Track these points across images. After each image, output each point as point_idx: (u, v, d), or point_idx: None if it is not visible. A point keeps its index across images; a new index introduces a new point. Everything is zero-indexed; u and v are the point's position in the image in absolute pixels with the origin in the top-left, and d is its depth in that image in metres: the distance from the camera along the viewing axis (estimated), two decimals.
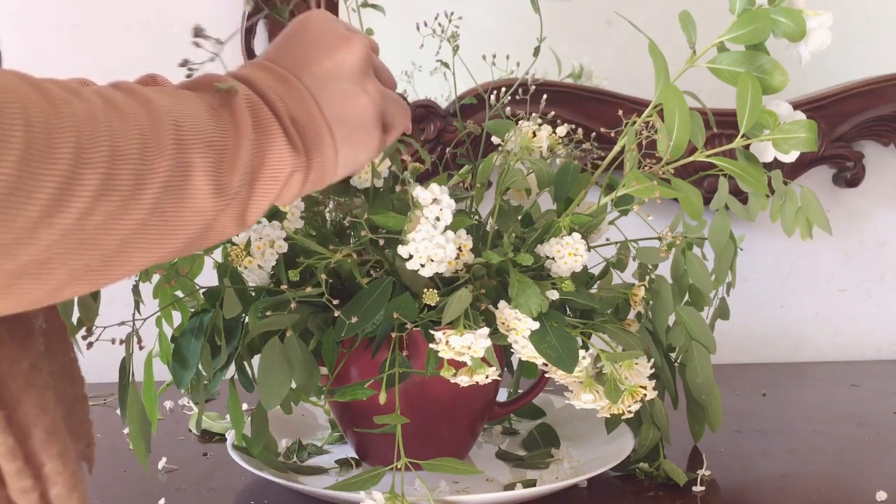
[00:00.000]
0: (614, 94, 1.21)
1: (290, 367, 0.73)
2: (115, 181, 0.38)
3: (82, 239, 0.38)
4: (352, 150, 0.53)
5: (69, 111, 0.37)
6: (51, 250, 0.37)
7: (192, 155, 0.43)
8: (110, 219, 0.39)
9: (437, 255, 0.68)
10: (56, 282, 0.38)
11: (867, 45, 1.31)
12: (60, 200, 0.36)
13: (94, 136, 0.38)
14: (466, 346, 0.69)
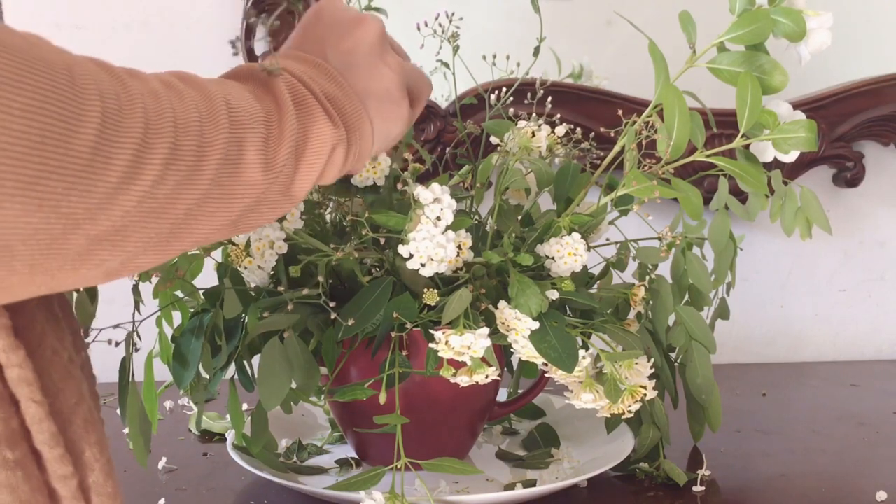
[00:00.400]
0: (614, 94, 1.21)
1: (289, 368, 0.73)
2: (180, 151, 0.40)
3: (154, 207, 0.39)
4: (384, 124, 0.56)
5: (134, 86, 0.39)
6: (127, 217, 0.38)
7: (243, 130, 0.45)
8: (178, 188, 0.40)
9: (438, 254, 0.68)
10: (130, 250, 0.40)
11: (867, 45, 1.31)
12: (135, 168, 0.38)
13: (158, 109, 0.40)
14: (466, 345, 0.69)
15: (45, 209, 0.35)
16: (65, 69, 0.35)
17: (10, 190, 0.33)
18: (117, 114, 0.37)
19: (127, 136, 0.37)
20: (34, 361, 0.42)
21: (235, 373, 0.78)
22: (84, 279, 0.39)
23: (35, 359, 0.42)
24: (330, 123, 0.50)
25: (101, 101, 0.36)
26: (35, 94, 0.34)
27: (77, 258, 0.37)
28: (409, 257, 0.68)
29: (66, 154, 0.35)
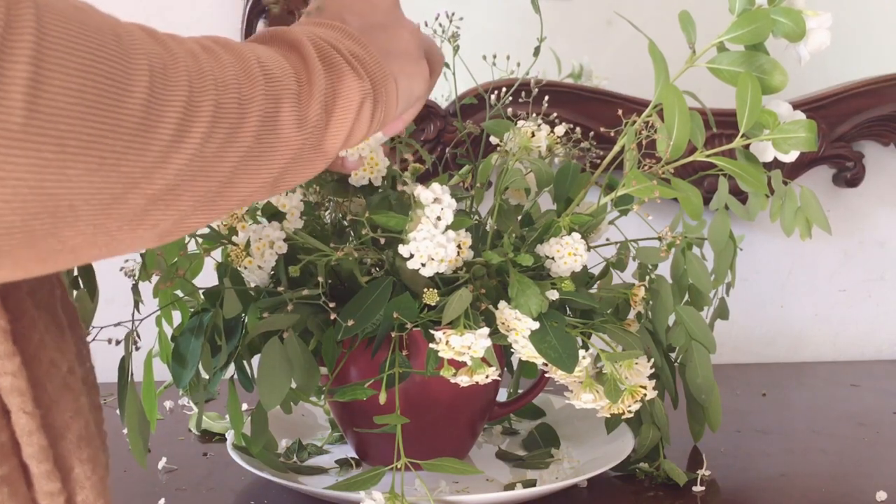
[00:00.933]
0: (614, 94, 1.22)
1: (289, 368, 0.73)
2: (222, 110, 0.41)
3: (203, 165, 0.40)
4: (407, 81, 0.56)
5: (175, 48, 0.40)
6: (179, 176, 0.39)
7: (276, 88, 0.45)
8: (224, 145, 0.41)
9: (438, 254, 0.68)
10: (182, 209, 0.40)
11: (867, 45, 1.31)
12: (184, 126, 0.38)
13: (199, 70, 0.40)
14: (466, 345, 0.69)
15: (105, 168, 0.35)
16: (111, 31, 0.36)
17: (73, 150, 0.33)
18: (163, 74, 0.38)
19: (174, 94, 0.38)
20: (29, 370, 0.41)
21: (235, 373, 0.78)
22: (140, 240, 0.40)
23: (31, 368, 0.41)
24: (357, 78, 0.51)
25: (148, 62, 0.37)
26: (87, 55, 0.34)
27: (135, 218, 0.38)
28: (409, 257, 0.68)
29: (121, 113, 0.35)
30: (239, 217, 0.75)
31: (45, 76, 0.32)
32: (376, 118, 0.53)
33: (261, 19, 1.18)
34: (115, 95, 0.35)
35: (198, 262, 0.80)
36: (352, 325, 0.72)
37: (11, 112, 0.31)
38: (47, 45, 0.32)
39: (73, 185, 0.34)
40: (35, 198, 0.33)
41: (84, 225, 0.35)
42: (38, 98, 0.32)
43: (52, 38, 0.32)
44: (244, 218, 0.75)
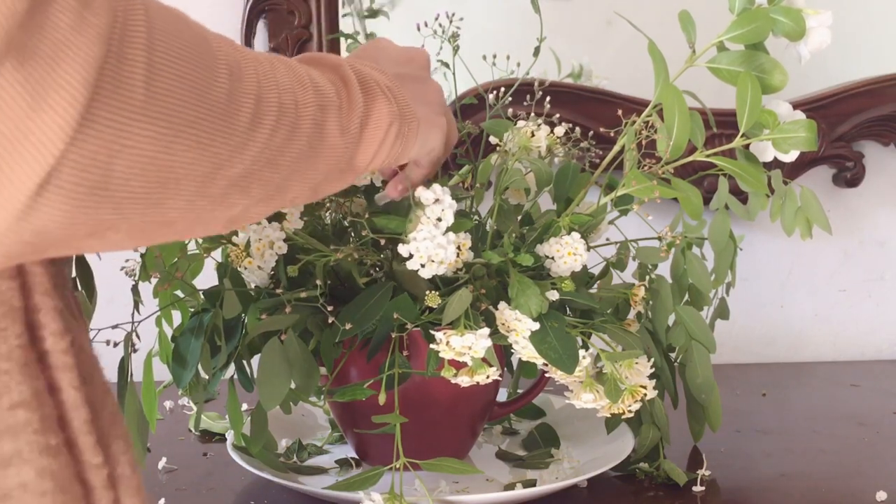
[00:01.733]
0: (614, 94, 1.21)
1: (289, 368, 0.73)
2: (285, 108, 0.45)
3: (270, 157, 0.44)
4: (427, 129, 0.62)
5: (243, 49, 0.44)
6: (253, 164, 0.43)
7: (324, 99, 0.50)
8: (286, 141, 0.46)
9: (438, 255, 0.68)
10: (251, 197, 0.44)
11: (867, 45, 1.31)
12: (256, 117, 0.43)
13: (264, 71, 0.45)
14: (467, 346, 0.69)
15: (201, 146, 0.39)
16: (198, 28, 0.40)
17: (180, 128, 0.38)
18: (238, 69, 0.42)
19: (248, 88, 0.42)
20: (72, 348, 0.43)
21: (235, 373, 0.78)
22: (216, 222, 0.44)
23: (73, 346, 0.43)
24: (387, 103, 0.56)
25: (226, 57, 0.41)
26: (184, 47, 0.38)
27: (217, 198, 0.42)
28: (408, 257, 0.68)
29: (211, 100, 0.40)
30: None
31: (157, 62, 0.36)
32: (397, 145, 0.58)
33: (261, 19, 1.18)
34: (206, 83, 0.39)
35: (198, 262, 0.80)
36: (350, 328, 0.72)
37: (135, 90, 0.35)
38: (156, 35, 0.36)
39: (178, 160, 0.38)
40: (152, 168, 0.37)
41: (182, 200, 0.40)
42: (153, 80, 0.36)
43: (158, 30, 0.37)
44: None
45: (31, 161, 0.33)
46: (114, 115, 0.35)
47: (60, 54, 0.33)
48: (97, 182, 0.35)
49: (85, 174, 0.34)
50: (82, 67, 0.33)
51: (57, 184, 0.34)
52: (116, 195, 0.36)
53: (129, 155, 0.36)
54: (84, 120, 0.33)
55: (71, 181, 0.34)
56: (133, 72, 0.35)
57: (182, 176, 0.39)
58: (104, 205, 0.36)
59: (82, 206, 0.35)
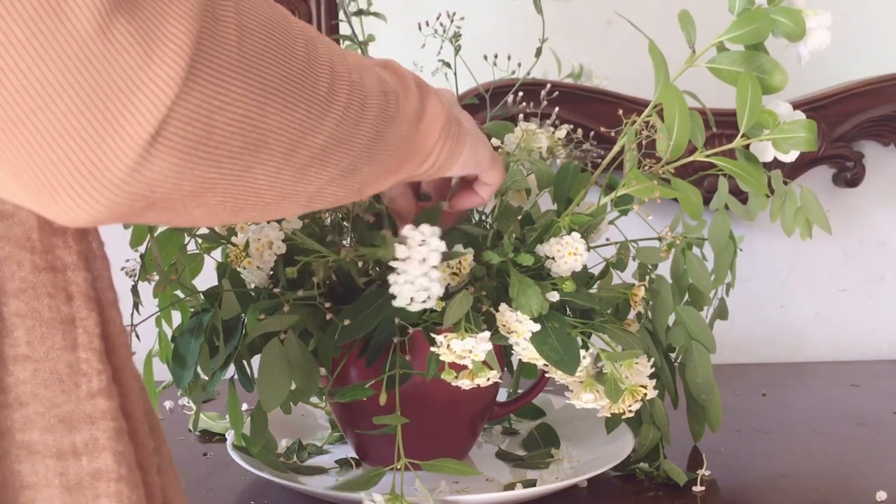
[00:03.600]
0: (614, 94, 1.21)
1: (289, 369, 0.73)
2: (355, 87, 0.46)
3: (344, 134, 0.45)
4: (473, 147, 0.62)
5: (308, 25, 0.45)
6: (329, 139, 0.44)
7: (386, 84, 0.50)
8: (357, 121, 0.46)
9: (421, 296, 0.68)
10: (328, 174, 0.45)
11: (867, 45, 1.31)
12: (332, 91, 0.43)
13: (336, 50, 0.45)
14: (468, 349, 0.69)
15: (287, 111, 0.40)
16: (274, 2, 0.41)
17: (270, 88, 0.38)
18: (312, 42, 0.43)
19: (322, 60, 0.43)
20: None
21: (235, 373, 0.78)
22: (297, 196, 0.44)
23: None
24: (440, 103, 0.57)
25: (301, 28, 0.42)
26: (266, 11, 0.39)
27: (299, 169, 0.42)
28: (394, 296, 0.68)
29: (295, 65, 0.40)
30: None
31: (245, 24, 0.37)
32: (449, 144, 0.58)
33: None
34: (288, 50, 0.40)
35: (197, 262, 0.80)
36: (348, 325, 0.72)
37: (231, 49, 0.36)
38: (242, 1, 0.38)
39: (268, 122, 0.39)
40: (248, 128, 0.38)
41: (272, 166, 0.40)
42: (244, 40, 0.37)
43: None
44: None
45: (143, 112, 0.34)
46: (213, 71, 0.35)
47: (166, 8, 0.34)
48: (201, 137, 0.36)
49: (191, 128, 0.35)
50: (188, 21, 0.34)
51: (167, 136, 0.34)
52: (217, 152, 0.37)
53: (227, 112, 0.36)
54: (190, 74, 0.34)
55: (179, 134, 0.35)
56: (227, 31, 0.36)
57: (272, 140, 0.39)
58: (207, 162, 0.37)
59: (189, 161, 0.36)
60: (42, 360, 0.40)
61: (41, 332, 0.40)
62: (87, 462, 0.41)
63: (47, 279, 0.41)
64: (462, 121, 0.61)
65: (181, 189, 0.37)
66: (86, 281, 0.42)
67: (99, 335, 0.42)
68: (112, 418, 0.41)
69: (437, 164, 0.59)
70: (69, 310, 0.41)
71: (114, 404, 0.42)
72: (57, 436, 0.41)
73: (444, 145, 0.58)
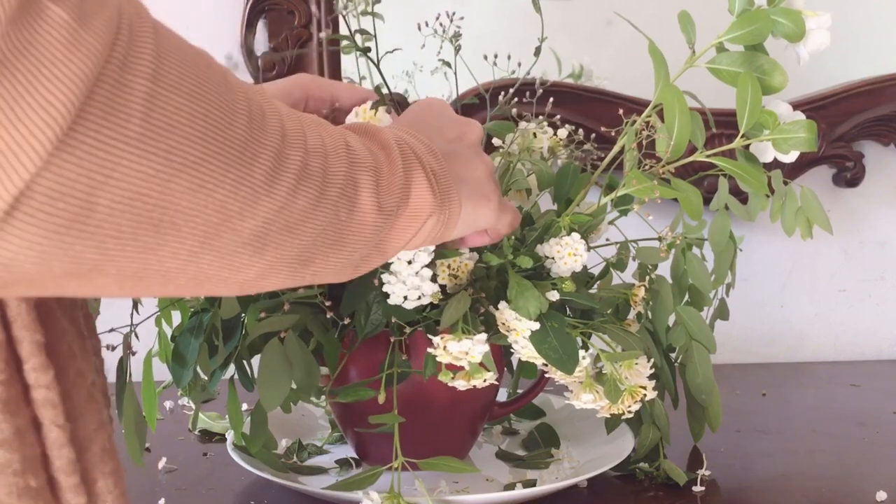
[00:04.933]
0: (614, 94, 1.21)
1: (290, 369, 0.73)
2: (309, 171, 0.42)
3: (289, 222, 0.41)
4: (472, 210, 0.58)
5: (272, 102, 0.42)
6: (268, 225, 0.40)
7: (359, 171, 0.47)
8: (308, 208, 0.42)
9: (413, 294, 0.68)
10: (267, 262, 0.41)
11: (867, 45, 1.31)
12: (275, 172, 0.40)
13: (292, 127, 0.42)
14: (464, 351, 0.69)
15: (204, 191, 0.36)
16: (219, 68, 0.38)
17: (178, 166, 0.35)
18: (260, 117, 0.39)
19: (268, 139, 0.40)
20: (60, 383, 0.41)
21: (235, 373, 0.78)
22: (224, 283, 0.41)
23: (61, 380, 0.41)
24: (430, 189, 0.52)
25: (248, 104, 0.39)
26: (197, 83, 0.36)
27: (224, 255, 0.39)
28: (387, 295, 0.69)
29: (224, 141, 0.37)
30: None
31: (161, 93, 0.34)
32: (436, 231, 0.55)
33: (261, 19, 1.18)
34: (219, 124, 0.37)
35: None
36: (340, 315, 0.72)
37: (131, 119, 0.33)
38: (164, 66, 0.34)
39: (174, 201, 0.35)
40: (143, 208, 0.34)
41: (183, 249, 0.37)
42: (153, 112, 0.34)
43: (167, 61, 0.35)
44: None
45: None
46: (101, 143, 0.32)
47: (45, 71, 0.31)
48: (76, 214, 0.32)
49: (61, 203, 0.32)
50: (68, 88, 0.31)
51: (27, 211, 0.31)
52: (99, 232, 0.33)
53: (115, 188, 0.33)
54: (62, 144, 0.31)
55: (44, 210, 0.31)
56: (130, 100, 0.33)
57: (181, 222, 0.36)
58: (85, 241, 0.33)
59: (57, 240, 0.32)
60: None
61: None
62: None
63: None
64: (455, 196, 0.55)
65: (50, 270, 0.33)
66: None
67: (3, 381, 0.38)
68: (14, 473, 0.38)
69: (419, 247, 0.56)
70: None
71: (17, 457, 0.39)
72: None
73: (430, 232, 0.54)
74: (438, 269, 0.72)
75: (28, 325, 0.39)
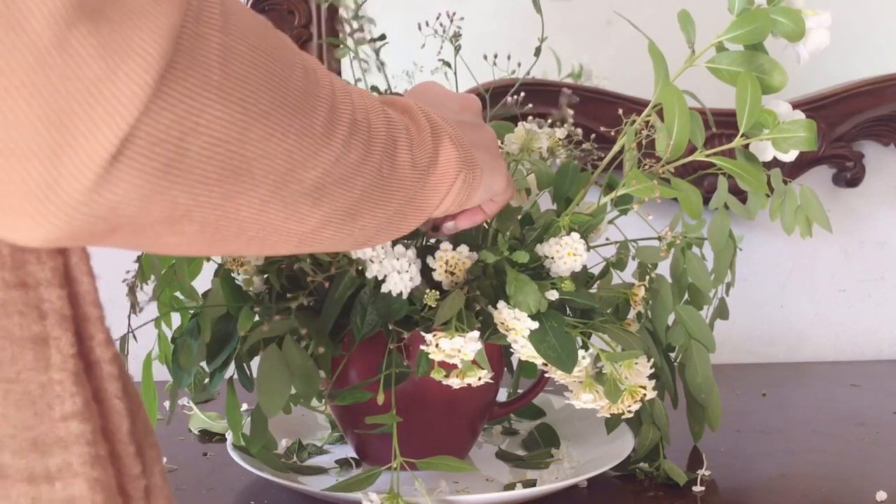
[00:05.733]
0: (614, 94, 1.21)
1: (289, 374, 0.73)
2: (357, 127, 0.45)
3: (342, 175, 0.43)
4: (490, 175, 0.60)
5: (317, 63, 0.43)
6: (325, 177, 0.42)
7: (395, 131, 0.49)
8: (358, 162, 0.45)
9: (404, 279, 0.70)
10: (322, 214, 0.43)
11: (867, 45, 1.31)
12: (330, 126, 0.42)
13: (341, 85, 0.44)
14: (456, 349, 0.69)
15: (274, 139, 0.38)
16: (271, 27, 0.40)
17: (254, 115, 0.37)
18: (313, 72, 0.42)
19: (322, 91, 0.42)
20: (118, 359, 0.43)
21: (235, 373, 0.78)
22: (287, 236, 0.43)
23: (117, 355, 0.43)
24: (456, 151, 0.55)
25: (300, 56, 0.41)
26: (259, 35, 0.38)
27: (289, 204, 0.41)
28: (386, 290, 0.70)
29: (287, 92, 0.39)
30: None
31: (232, 45, 0.36)
32: (464, 191, 0.57)
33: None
34: (281, 77, 0.39)
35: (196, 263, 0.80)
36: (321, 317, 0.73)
37: (211, 70, 0.35)
38: (230, 20, 0.36)
39: (250, 149, 0.37)
40: (227, 154, 0.36)
41: (256, 198, 0.39)
42: (229, 62, 0.36)
43: (232, 16, 0.36)
44: None
45: (104, 129, 0.32)
46: (189, 90, 0.34)
47: (137, 21, 0.32)
48: (171, 159, 0.34)
49: (158, 148, 0.33)
50: (159, 36, 0.32)
51: (130, 155, 0.33)
52: (190, 177, 0.35)
53: (203, 135, 0.35)
54: (158, 91, 0.33)
55: (145, 154, 0.33)
56: (209, 50, 0.35)
57: (257, 169, 0.38)
58: (178, 185, 0.35)
59: (157, 184, 0.34)
60: (13, 381, 0.39)
61: (11, 351, 0.38)
62: (61, 488, 0.39)
63: (18, 296, 0.39)
64: (477, 159, 0.58)
65: (150, 214, 0.35)
66: (60, 298, 0.40)
67: (74, 355, 0.40)
68: (87, 442, 0.39)
69: (444, 210, 0.57)
70: (41, 328, 0.39)
71: (90, 427, 0.40)
72: (29, 459, 0.39)
73: (457, 195, 0.56)
74: (436, 265, 0.72)
75: (95, 302, 0.41)
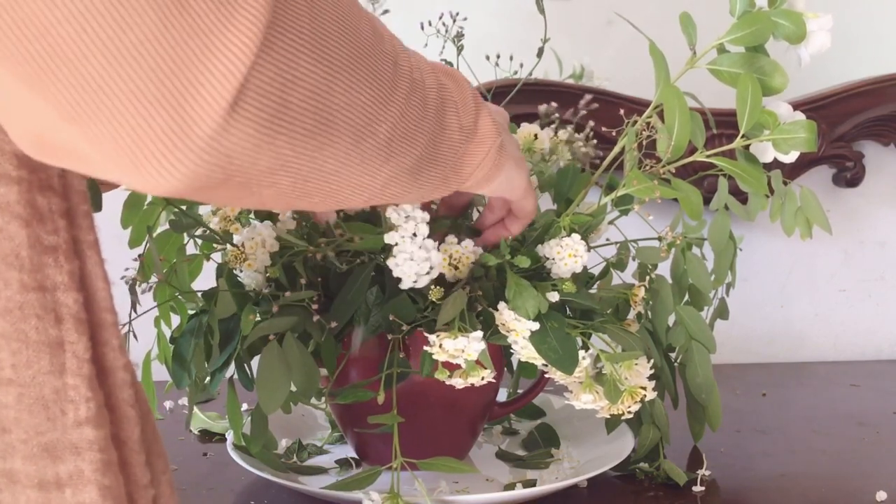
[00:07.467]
0: (615, 95, 1.21)
1: (288, 371, 0.73)
2: (416, 82, 0.46)
3: (407, 131, 0.45)
4: (514, 166, 0.62)
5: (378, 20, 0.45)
6: (392, 131, 0.44)
7: (444, 92, 0.51)
8: (417, 118, 0.46)
9: (424, 268, 0.68)
10: (391, 169, 0.45)
11: (867, 45, 1.31)
12: (394, 79, 0.44)
13: (400, 43, 0.45)
14: (460, 349, 0.69)
15: (353, 92, 0.40)
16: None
17: (337, 67, 0.39)
18: (378, 33, 0.43)
19: (386, 46, 0.43)
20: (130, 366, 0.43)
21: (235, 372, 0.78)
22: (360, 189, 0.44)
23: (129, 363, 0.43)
24: (492, 120, 0.56)
25: (369, 20, 0.42)
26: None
27: (366, 157, 0.43)
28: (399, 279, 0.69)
29: (361, 47, 0.41)
30: (231, 220, 0.75)
31: (314, 2, 0.37)
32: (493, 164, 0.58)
33: None
34: (353, 32, 0.40)
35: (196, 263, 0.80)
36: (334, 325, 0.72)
37: (302, 26, 0.36)
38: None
39: (336, 101, 0.39)
40: (319, 106, 0.38)
41: (339, 150, 0.40)
42: (315, 19, 0.37)
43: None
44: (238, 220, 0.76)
45: (221, 79, 0.33)
46: (287, 44, 0.35)
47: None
48: (276, 110, 0.36)
49: (266, 99, 0.35)
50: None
51: (244, 105, 0.34)
52: (292, 128, 0.37)
53: (300, 87, 0.36)
54: (265, 43, 0.34)
55: (256, 104, 0.35)
56: (298, 8, 0.36)
57: (340, 121, 0.39)
58: (283, 136, 0.37)
59: (266, 133, 0.36)
60: (27, 385, 0.38)
61: (27, 355, 0.38)
62: (71, 495, 0.38)
63: (35, 299, 0.38)
64: (506, 144, 0.60)
65: (257, 163, 0.36)
66: (76, 302, 0.39)
67: (89, 360, 0.39)
68: (99, 449, 0.39)
69: (472, 183, 0.58)
70: (57, 332, 0.39)
71: (102, 433, 0.39)
72: (40, 465, 0.38)
73: (485, 167, 0.57)
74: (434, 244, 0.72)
75: (110, 308, 0.41)
